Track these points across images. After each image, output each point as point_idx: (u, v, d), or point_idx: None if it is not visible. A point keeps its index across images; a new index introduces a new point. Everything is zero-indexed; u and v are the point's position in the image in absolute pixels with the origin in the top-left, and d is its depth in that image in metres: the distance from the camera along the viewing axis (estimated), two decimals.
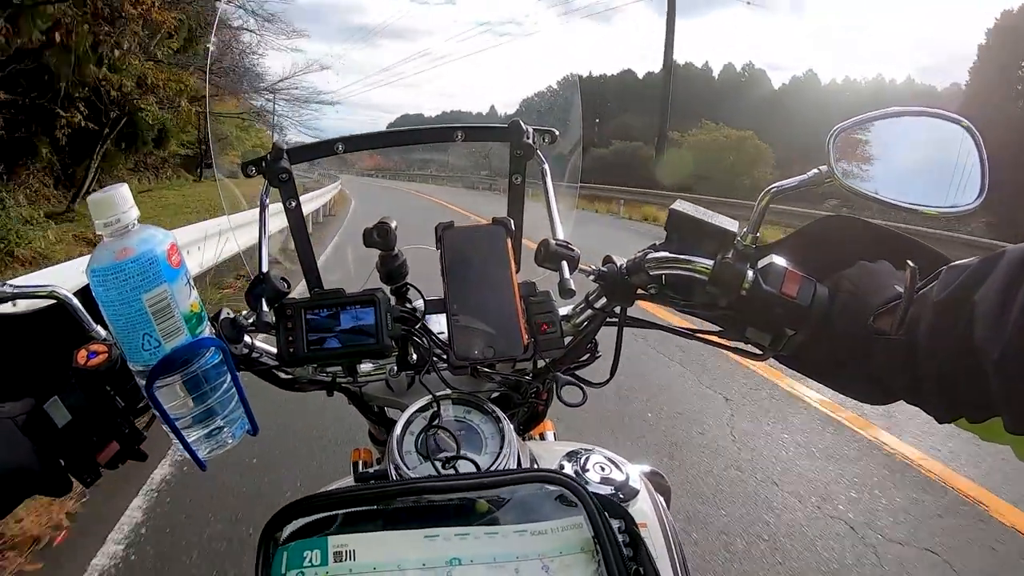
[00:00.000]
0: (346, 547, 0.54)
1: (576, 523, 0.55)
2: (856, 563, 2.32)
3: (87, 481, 0.65)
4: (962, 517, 2.64)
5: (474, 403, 0.72)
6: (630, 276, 0.74)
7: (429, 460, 0.65)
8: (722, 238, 0.70)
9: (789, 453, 3.21)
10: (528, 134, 0.88)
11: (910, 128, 0.69)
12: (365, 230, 0.77)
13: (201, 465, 0.64)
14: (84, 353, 0.61)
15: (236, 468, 2.72)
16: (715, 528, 2.50)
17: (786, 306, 0.65)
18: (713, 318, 0.76)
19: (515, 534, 0.55)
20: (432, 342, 0.75)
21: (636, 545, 0.55)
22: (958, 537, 2.49)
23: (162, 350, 0.58)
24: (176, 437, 0.61)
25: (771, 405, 3.86)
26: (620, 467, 0.75)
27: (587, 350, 0.83)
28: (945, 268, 0.58)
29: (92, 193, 0.57)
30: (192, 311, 0.60)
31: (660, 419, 3.57)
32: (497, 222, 0.78)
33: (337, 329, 0.73)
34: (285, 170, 0.84)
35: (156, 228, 0.59)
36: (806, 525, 2.54)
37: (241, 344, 0.74)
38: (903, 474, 2.99)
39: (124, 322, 0.57)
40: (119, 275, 0.55)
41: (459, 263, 0.75)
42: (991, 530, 2.56)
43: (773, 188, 0.68)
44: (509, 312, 0.72)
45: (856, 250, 0.68)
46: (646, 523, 0.68)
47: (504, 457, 0.66)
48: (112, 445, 0.64)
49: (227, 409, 0.65)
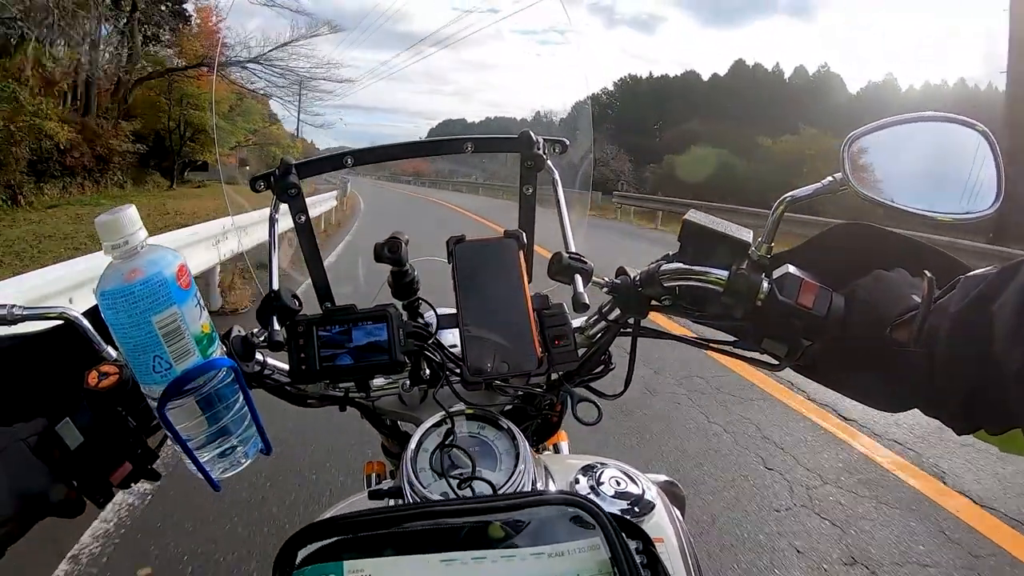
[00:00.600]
0: (362, 572, 0.53)
1: (593, 544, 0.54)
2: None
3: (100, 502, 0.65)
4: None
5: (488, 419, 0.71)
6: (644, 288, 0.73)
7: (444, 478, 0.64)
8: (736, 248, 0.69)
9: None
10: (538, 144, 0.88)
11: (925, 134, 0.68)
12: (376, 245, 0.77)
13: (215, 486, 0.63)
14: (95, 374, 0.61)
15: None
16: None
17: (802, 317, 0.65)
18: (728, 329, 0.75)
19: (532, 557, 0.54)
20: (445, 357, 0.75)
21: (654, 567, 0.54)
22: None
23: (173, 372, 0.57)
24: (188, 458, 0.61)
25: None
26: (635, 480, 0.75)
27: (601, 362, 0.82)
28: (963, 278, 0.57)
29: (99, 215, 0.57)
30: (203, 332, 0.60)
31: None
32: (509, 235, 0.77)
33: (349, 345, 0.72)
34: (294, 185, 0.83)
35: (165, 249, 0.59)
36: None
37: (253, 362, 0.74)
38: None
39: (134, 344, 0.56)
40: (128, 298, 0.55)
41: (471, 277, 0.74)
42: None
43: (788, 197, 0.67)
44: (522, 326, 0.71)
45: (872, 258, 0.67)
46: (662, 538, 0.68)
47: (519, 474, 0.65)
48: (125, 466, 0.64)
49: (240, 428, 0.64)
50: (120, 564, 2.18)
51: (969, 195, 0.67)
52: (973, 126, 0.67)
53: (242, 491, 2.55)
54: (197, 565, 2.17)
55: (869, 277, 0.66)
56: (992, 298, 0.52)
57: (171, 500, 2.50)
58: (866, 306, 0.64)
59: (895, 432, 3.30)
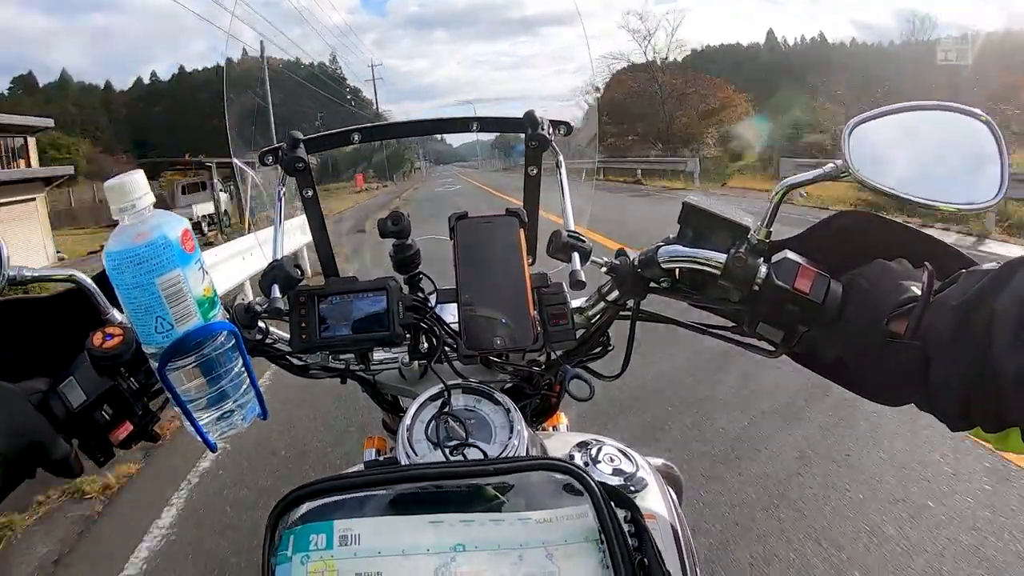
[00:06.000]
0: (351, 531, 0.54)
1: (582, 512, 0.55)
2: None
3: (100, 460, 0.67)
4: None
5: (484, 393, 0.72)
6: (642, 270, 0.74)
7: (439, 447, 0.65)
8: (736, 232, 0.69)
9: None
10: (543, 125, 0.88)
11: (928, 122, 0.68)
12: (379, 220, 0.78)
13: (211, 446, 0.65)
14: (100, 336, 0.63)
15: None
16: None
17: (799, 302, 0.65)
18: (726, 313, 0.75)
19: (519, 521, 0.55)
20: (443, 330, 0.75)
21: (641, 536, 0.55)
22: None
23: (174, 333, 0.59)
24: (187, 419, 0.62)
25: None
26: (631, 459, 0.75)
27: (600, 343, 0.83)
28: (964, 272, 0.57)
29: (108, 179, 0.58)
30: (205, 296, 0.61)
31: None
32: (511, 213, 0.78)
33: (349, 317, 0.73)
34: (301, 159, 0.84)
35: (170, 214, 0.60)
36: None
37: (255, 330, 0.75)
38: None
39: (138, 305, 0.58)
40: (133, 259, 0.56)
41: (471, 253, 0.75)
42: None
43: (787, 182, 0.68)
44: (520, 303, 0.72)
45: (873, 247, 0.67)
46: (654, 515, 0.68)
47: (513, 447, 0.66)
48: (125, 425, 0.66)
49: (238, 393, 0.65)
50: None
51: (972, 185, 0.66)
52: (976, 116, 0.66)
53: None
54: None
55: (870, 266, 0.65)
56: (994, 295, 0.51)
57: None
58: (864, 295, 0.63)
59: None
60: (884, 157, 0.67)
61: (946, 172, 0.68)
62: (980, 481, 2.51)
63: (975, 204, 0.66)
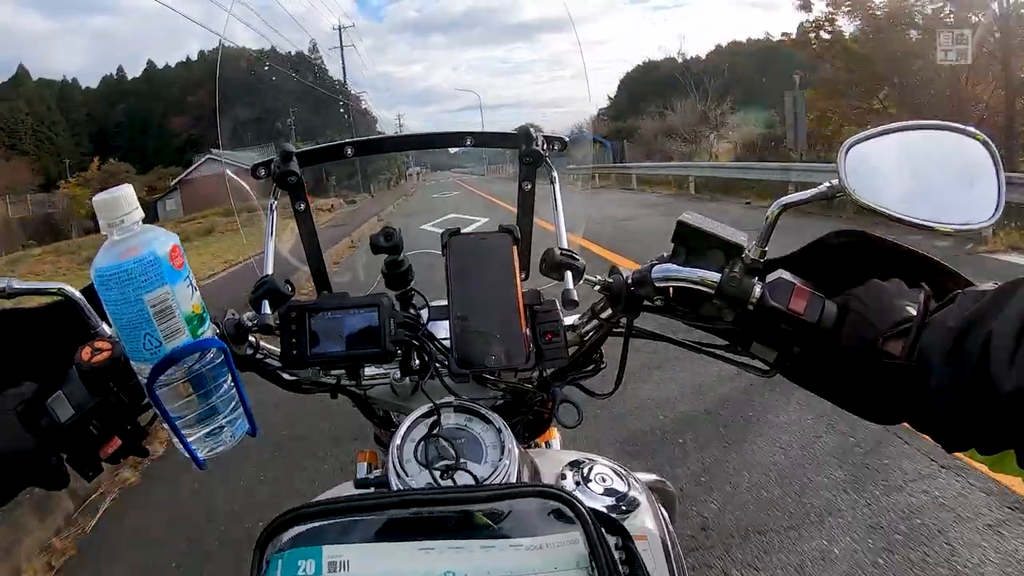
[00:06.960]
0: (341, 557, 0.53)
1: (572, 539, 0.54)
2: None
3: (88, 476, 0.66)
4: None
5: (475, 411, 0.72)
6: (636, 288, 0.73)
7: (428, 469, 0.65)
8: (730, 251, 0.69)
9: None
10: (537, 141, 0.88)
11: (924, 142, 0.68)
12: (372, 236, 0.78)
13: (200, 464, 0.64)
14: (88, 350, 0.62)
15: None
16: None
17: (793, 322, 0.64)
18: (720, 332, 0.75)
19: (511, 548, 0.54)
20: (434, 348, 0.75)
21: (632, 562, 0.54)
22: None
23: (163, 350, 0.58)
24: (176, 436, 0.61)
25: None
26: (623, 477, 0.74)
27: (592, 360, 0.82)
28: (961, 293, 0.56)
29: (98, 194, 0.57)
30: (194, 312, 0.60)
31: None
32: (504, 229, 0.77)
33: (341, 333, 0.73)
34: (294, 173, 0.84)
35: (160, 229, 0.59)
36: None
37: (245, 345, 0.75)
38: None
39: (126, 322, 0.57)
40: (121, 275, 0.55)
41: (464, 270, 0.75)
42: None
43: (783, 201, 0.67)
44: (512, 320, 0.72)
45: (868, 266, 0.66)
46: (646, 536, 0.67)
47: (504, 467, 0.65)
48: (114, 440, 0.65)
49: (228, 409, 0.65)
50: None
51: (968, 205, 0.66)
52: (973, 135, 0.66)
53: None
54: None
55: (864, 286, 0.64)
56: (990, 317, 0.51)
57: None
58: (859, 316, 0.62)
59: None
60: (880, 177, 0.67)
61: (942, 192, 0.67)
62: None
63: (971, 224, 0.65)
